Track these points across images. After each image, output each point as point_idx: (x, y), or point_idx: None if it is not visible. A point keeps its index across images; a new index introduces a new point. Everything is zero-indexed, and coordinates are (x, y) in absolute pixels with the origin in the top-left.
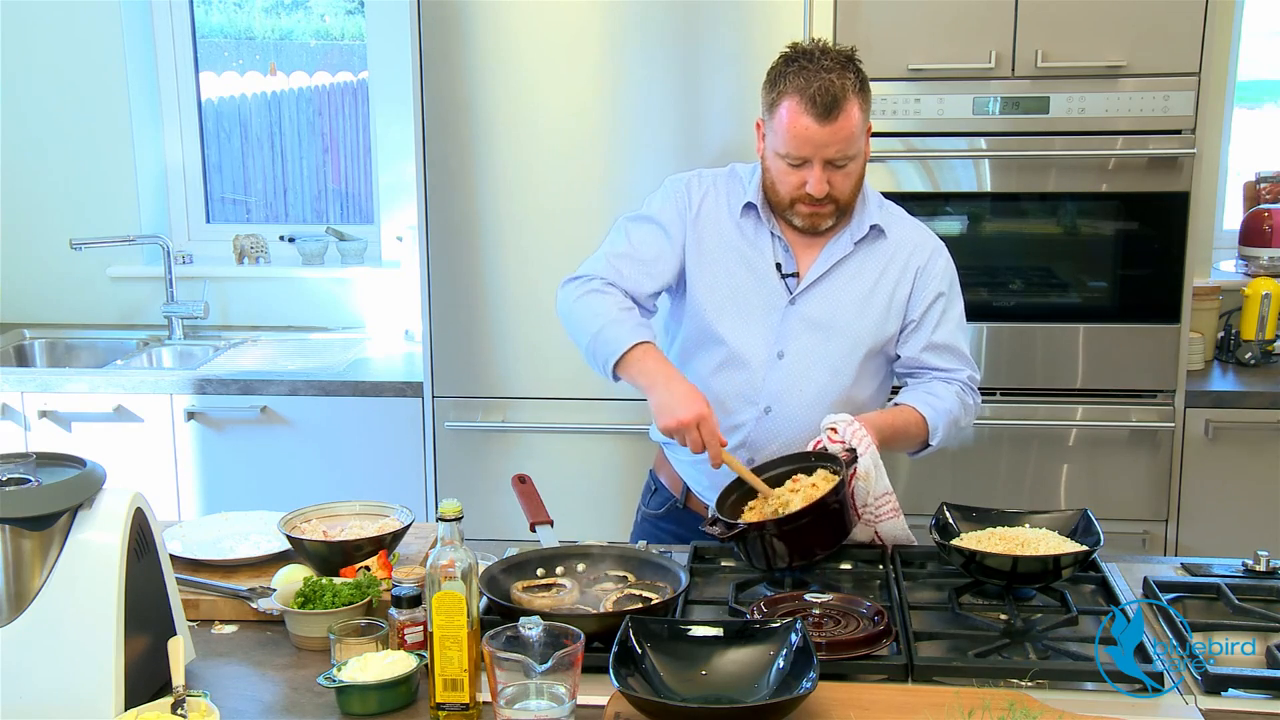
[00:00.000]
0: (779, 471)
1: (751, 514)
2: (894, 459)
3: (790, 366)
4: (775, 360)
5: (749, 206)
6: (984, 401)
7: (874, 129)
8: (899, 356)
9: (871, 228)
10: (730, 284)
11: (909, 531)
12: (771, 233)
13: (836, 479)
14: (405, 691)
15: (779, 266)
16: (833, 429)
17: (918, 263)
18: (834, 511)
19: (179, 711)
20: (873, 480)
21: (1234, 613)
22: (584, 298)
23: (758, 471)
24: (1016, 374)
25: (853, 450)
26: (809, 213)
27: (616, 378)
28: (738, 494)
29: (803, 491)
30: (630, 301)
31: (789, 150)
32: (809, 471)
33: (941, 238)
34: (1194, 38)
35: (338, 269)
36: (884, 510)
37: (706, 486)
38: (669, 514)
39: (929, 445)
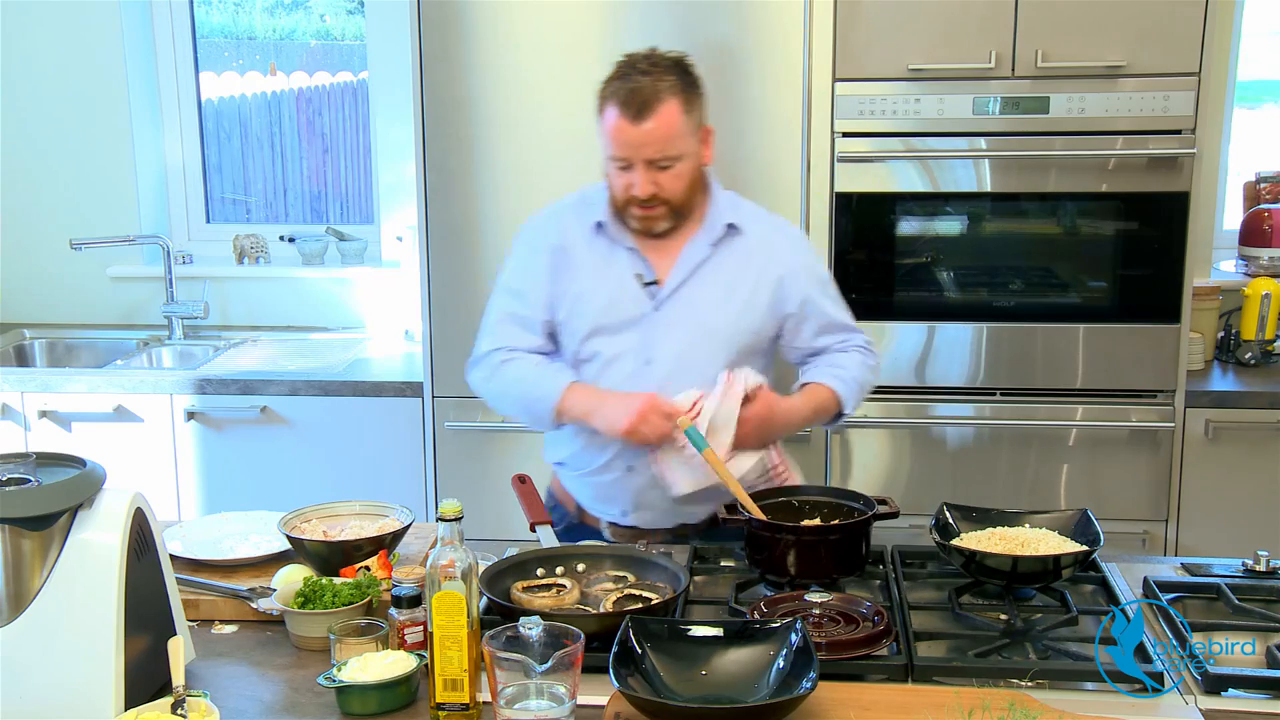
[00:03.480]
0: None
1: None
2: (896, 461)
3: (659, 372)
4: (644, 368)
5: (600, 225)
6: (984, 401)
7: (873, 129)
8: (796, 349)
9: (727, 227)
10: (596, 302)
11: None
12: (626, 247)
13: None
14: (405, 691)
15: (639, 277)
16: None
17: (782, 260)
18: (860, 536)
19: (179, 711)
20: (723, 434)
21: (1234, 613)
22: (497, 372)
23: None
24: (1016, 374)
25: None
26: (641, 215)
27: (559, 425)
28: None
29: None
30: (537, 355)
31: (612, 152)
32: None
33: (941, 238)
34: (1194, 38)
35: (338, 269)
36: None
37: (593, 499)
38: (568, 530)
39: (843, 414)
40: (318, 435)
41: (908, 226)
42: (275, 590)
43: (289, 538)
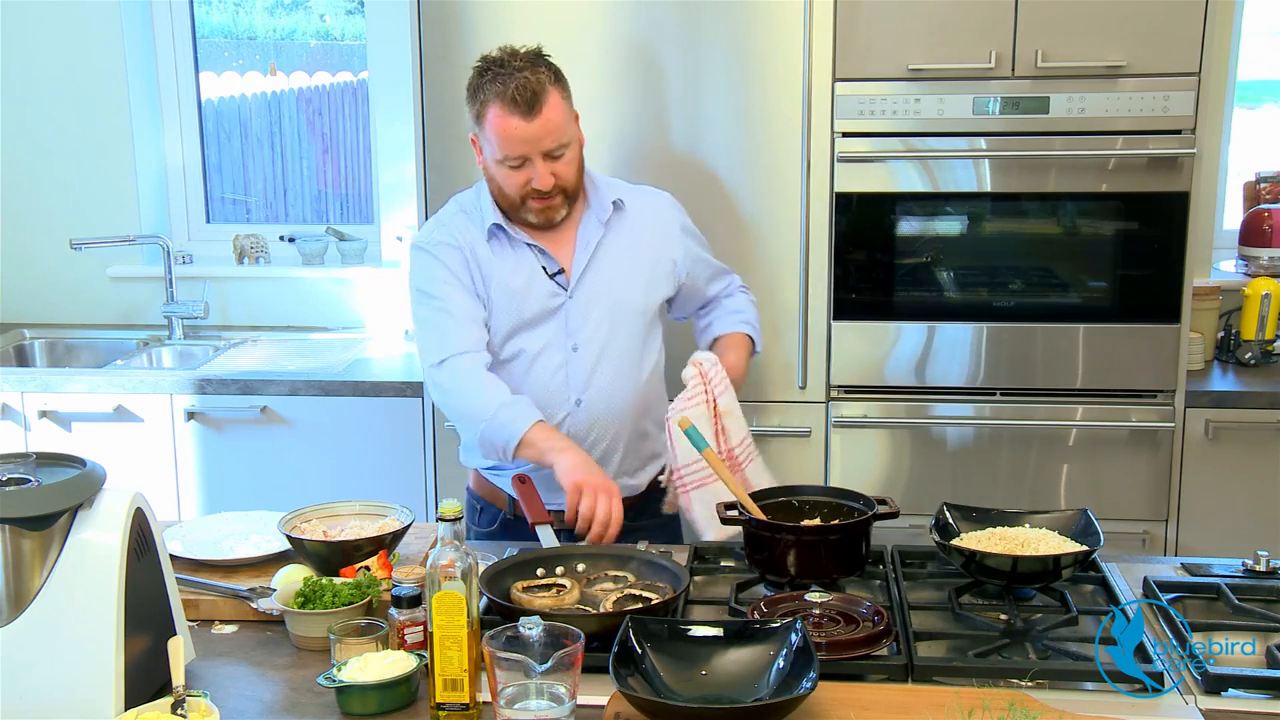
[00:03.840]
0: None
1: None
2: (895, 461)
3: (587, 356)
4: (572, 354)
5: (495, 229)
6: (984, 401)
7: (873, 129)
8: (692, 302)
9: (614, 204)
10: (511, 304)
11: (769, 474)
12: (527, 243)
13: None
14: (405, 691)
15: (544, 269)
16: (699, 365)
17: (667, 225)
18: (860, 536)
19: (179, 711)
20: (736, 417)
21: (1234, 613)
22: (460, 382)
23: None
24: (1016, 374)
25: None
26: (541, 207)
27: (514, 457)
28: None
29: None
30: (500, 382)
31: (506, 153)
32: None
33: (941, 238)
34: (1194, 38)
35: (338, 269)
36: (750, 451)
37: (540, 488)
38: (501, 527)
39: (755, 353)
40: (318, 435)
41: (908, 226)
42: (275, 590)
43: (289, 538)
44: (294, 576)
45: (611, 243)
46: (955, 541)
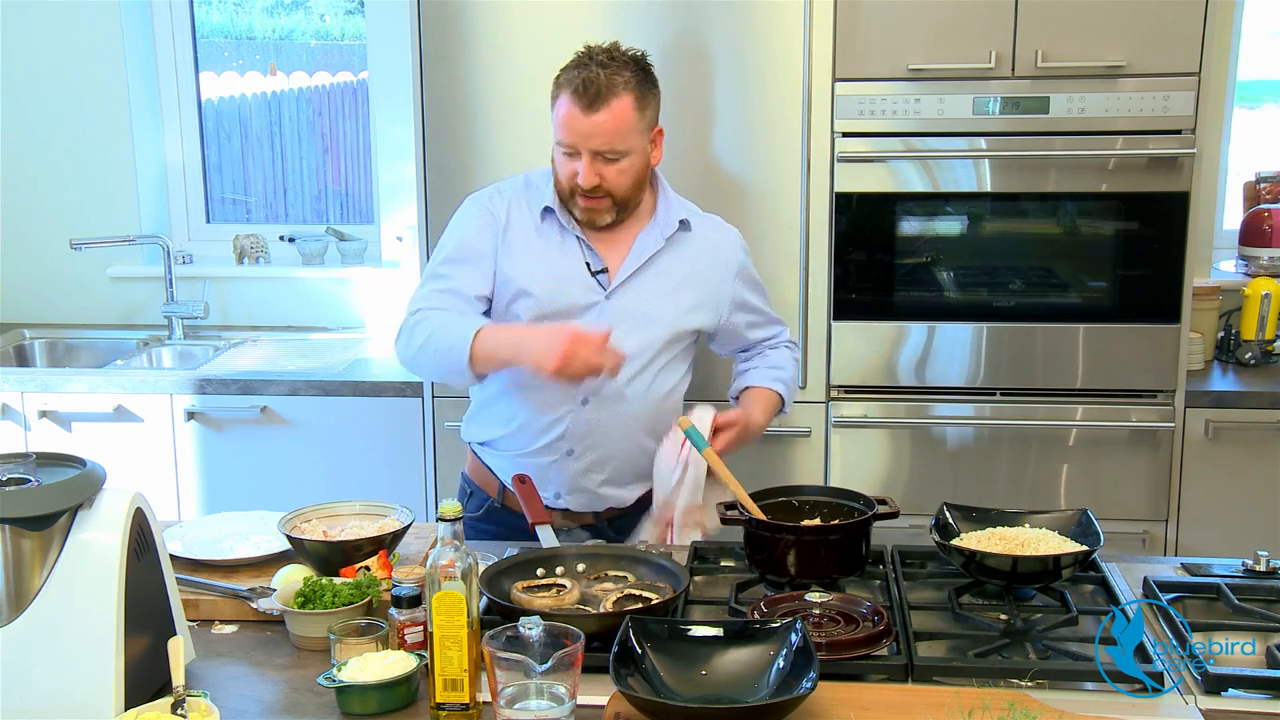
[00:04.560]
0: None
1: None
2: (895, 461)
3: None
4: None
5: (548, 211)
6: (984, 401)
7: (873, 129)
8: (732, 343)
9: (680, 223)
10: (545, 288)
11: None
12: (576, 236)
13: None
14: (405, 691)
15: (588, 265)
16: (683, 427)
17: (728, 260)
18: (860, 536)
19: (179, 711)
20: (693, 488)
21: (1234, 613)
22: (412, 333)
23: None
24: (1016, 374)
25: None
26: (585, 206)
27: (479, 377)
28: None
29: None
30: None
31: (561, 138)
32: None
33: (941, 238)
34: (1194, 38)
35: (338, 269)
36: (692, 519)
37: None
38: (488, 515)
39: (783, 411)
40: (318, 435)
41: (908, 226)
42: (275, 590)
43: (289, 538)
44: (294, 576)
45: (666, 259)
46: (955, 541)
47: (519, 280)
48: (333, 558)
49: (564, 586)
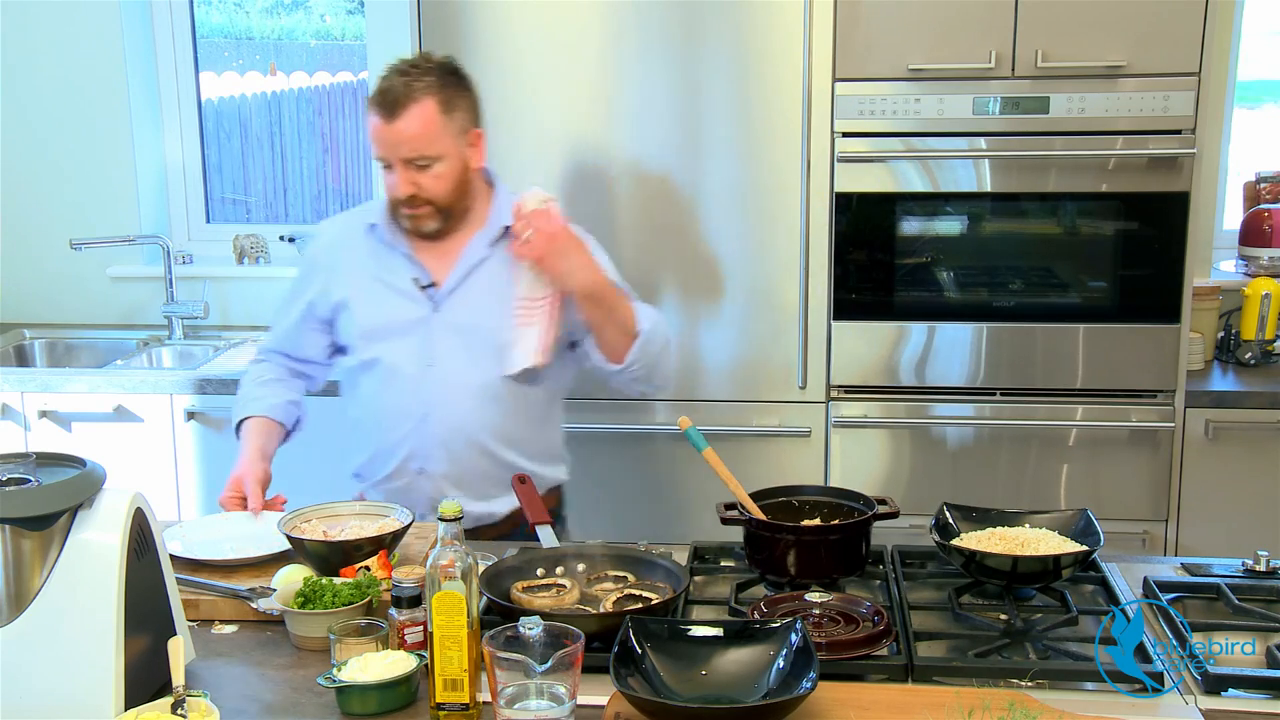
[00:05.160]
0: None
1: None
2: (896, 461)
3: (441, 375)
4: (426, 370)
5: (372, 228)
6: (984, 401)
7: (872, 129)
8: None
9: (505, 229)
10: (375, 309)
11: (535, 354)
12: (402, 252)
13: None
14: (405, 691)
15: (416, 280)
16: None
17: None
18: (860, 536)
19: (179, 711)
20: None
21: (1234, 613)
22: (244, 377)
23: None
24: (1016, 374)
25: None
26: (409, 215)
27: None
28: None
29: None
30: (279, 370)
31: (374, 152)
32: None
33: (941, 238)
34: (1194, 38)
35: None
36: (534, 312)
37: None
38: None
39: (637, 335)
40: (318, 435)
41: (908, 226)
42: (275, 590)
43: (289, 538)
44: (294, 576)
45: (494, 265)
46: (955, 541)
47: (345, 304)
48: (333, 558)
49: (564, 586)
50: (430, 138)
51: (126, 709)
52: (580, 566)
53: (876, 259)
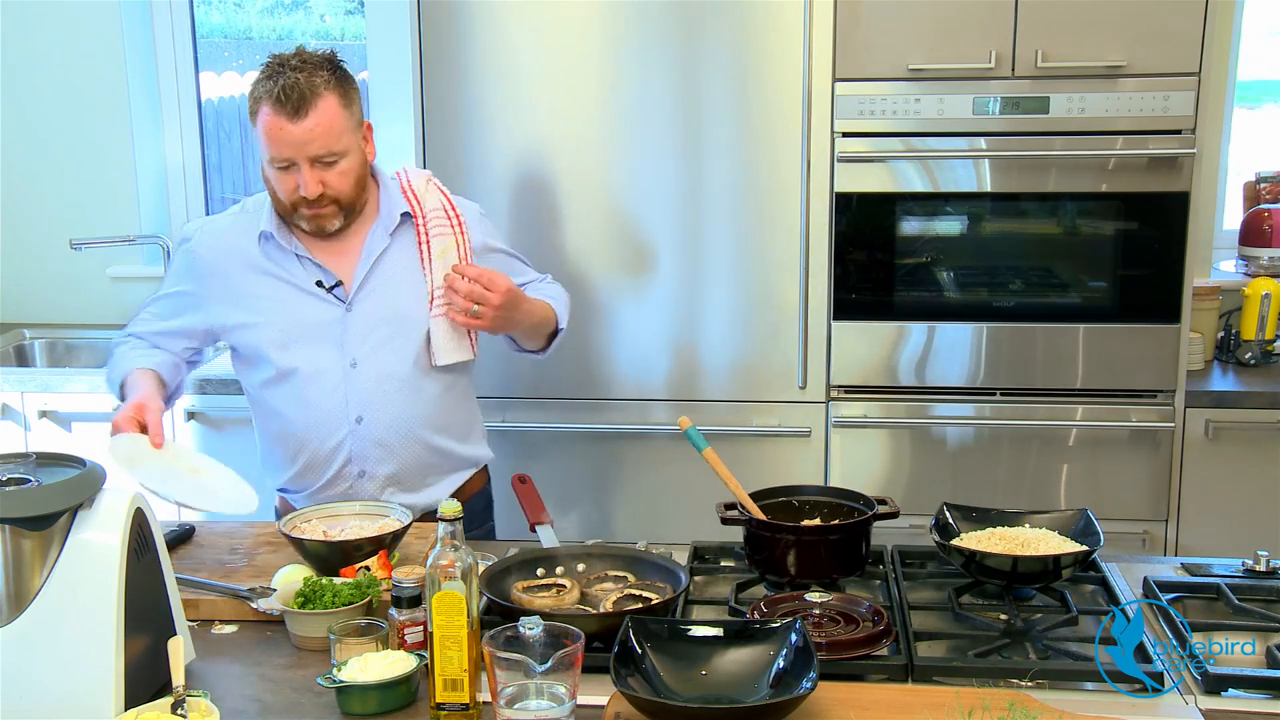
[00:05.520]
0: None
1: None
2: (896, 461)
3: (367, 372)
4: (350, 371)
5: (265, 236)
6: (984, 401)
7: (872, 129)
8: None
9: (403, 215)
10: (281, 318)
11: (457, 346)
12: (296, 254)
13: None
14: (405, 691)
15: (320, 284)
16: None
17: (471, 237)
18: (860, 536)
19: (179, 711)
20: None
21: (1234, 613)
22: (114, 351)
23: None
24: (1016, 374)
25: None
26: (311, 215)
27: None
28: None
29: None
30: (149, 349)
31: (274, 154)
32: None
33: (941, 238)
34: (1194, 38)
35: None
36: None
37: None
38: None
39: (559, 331)
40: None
41: (908, 226)
42: (275, 590)
43: (289, 538)
44: (294, 576)
45: (396, 253)
46: (955, 541)
47: (245, 319)
48: (333, 558)
49: (564, 586)
50: (337, 133)
51: (126, 709)
52: (580, 566)
53: (876, 259)
